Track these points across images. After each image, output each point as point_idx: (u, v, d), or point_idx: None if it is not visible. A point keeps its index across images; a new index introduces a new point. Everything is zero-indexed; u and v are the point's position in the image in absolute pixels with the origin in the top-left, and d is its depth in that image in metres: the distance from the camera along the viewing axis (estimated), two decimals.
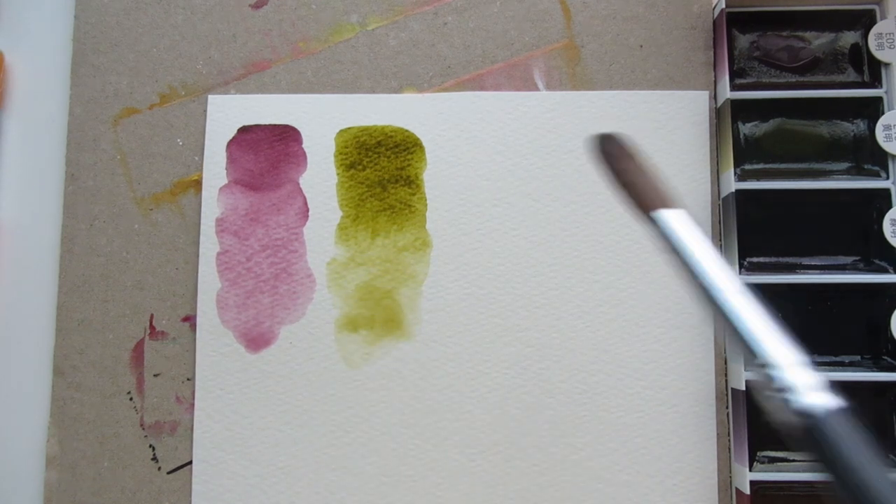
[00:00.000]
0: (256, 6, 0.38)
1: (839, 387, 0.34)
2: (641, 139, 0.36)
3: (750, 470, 0.33)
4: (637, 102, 0.37)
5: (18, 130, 0.39)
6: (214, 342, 0.36)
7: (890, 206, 0.34)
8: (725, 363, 0.35)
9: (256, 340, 0.36)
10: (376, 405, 0.35)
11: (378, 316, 0.36)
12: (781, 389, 0.18)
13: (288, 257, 0.36)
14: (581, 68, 0.37)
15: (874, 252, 0.35)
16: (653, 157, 0.36)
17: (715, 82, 0.37)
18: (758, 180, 0.35)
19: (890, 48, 0.36)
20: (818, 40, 0.37)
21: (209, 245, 0.36)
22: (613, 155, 0.26)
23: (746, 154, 0.36)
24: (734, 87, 0.36)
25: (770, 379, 0.18)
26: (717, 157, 0.36)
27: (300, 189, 0.37)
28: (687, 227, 0.22)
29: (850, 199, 0.35)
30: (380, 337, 0.36)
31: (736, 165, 0.36)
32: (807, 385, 0.18)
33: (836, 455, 0.17)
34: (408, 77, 0.38)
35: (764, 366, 0.18)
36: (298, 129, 0.37)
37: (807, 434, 0.17)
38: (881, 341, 0.34)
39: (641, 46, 0.37)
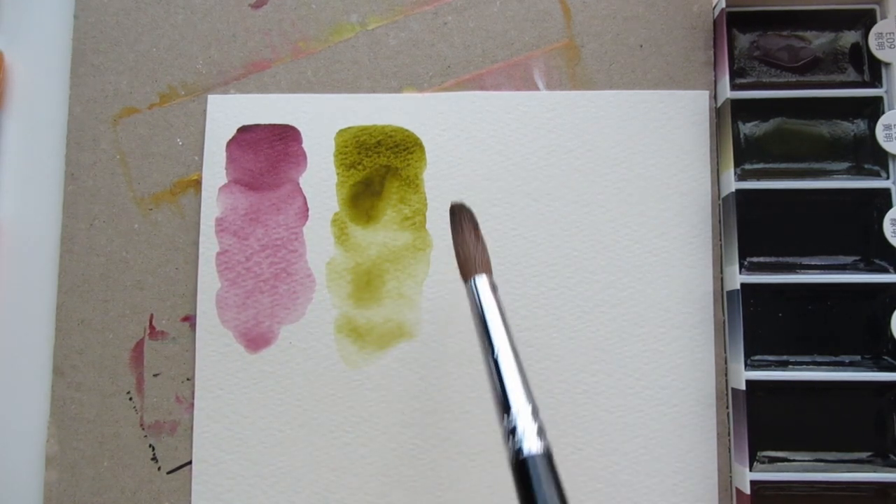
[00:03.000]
0: (256, 6, 0.38)
1: (839, 387, 0.34)
2: (641, 139, 0.37)
3: (750, 470, 0.33)
4: (637, 102, 0.37)
5: (18, 130, 0.39)
6: (214, 342, 0.36)
7: (890, 206, 0.34)
8: (725, 363, 0.35)
9: (256, 340, 0.36)
10: (376, 405, 0.35)
11: (378, 316, 0.36)
12: (512, 431, 0.23)
13: (288, 257, 0.36)
14: (581, 68, 0.37)
15: (874, 252, 0.35)
16: (653, 157, 0.36)
17: (715, 82, 0.37)
18: (758, 180, 0.35)
19: (890, 48, 0.35)
20: (818, 40, 0.37)
21: (209, 245, 0.36)
22: (460, 222, 0.31)
23: (746, 154, 0.36)
24: (734, 87, 0.36)
25: (508, 423, 0.23)
26: (717, 156, 0.36)
27: (300, 189, 0.37)
28: (489, 293, 0.27)
29: (850, 199, 0.35)
30: (380, 337, 0.36)
31: (736, 165, 0.36)
32: (529, 430, 0.23)
33: (533, 487, 0.21)
34: (408, 77, 0.38)
35: (509, 413, 0.23)
36: (298, 128, 0.37)
37: (516, 468, 0.22)
38: (881, 341, 0.34)
39: (641, 46, 0.37)
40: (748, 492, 0.33)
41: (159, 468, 0.35)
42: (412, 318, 0.36)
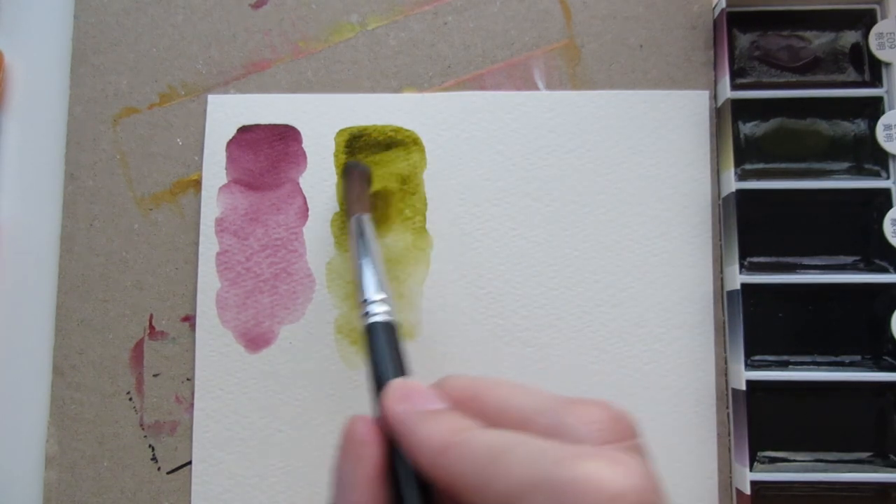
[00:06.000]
0: (256, 6, 0.38)
1: (839, 387, 0.34)
2: (641, 139, 0.37)
3: (750, 470, 0.33)
4: (637, 102, 0.37)
5: (18, 130, 0.39)
6: (214, 342, 0.36)
7: (890, 206, 0.34)
8: (725, 363, 0.35)
9: (256, 340, 0.36)
10: None
11: None
12: (365, 313, 0.26)
13: (287, 257, 0.36)
14: (581, 68, 0.37)
15: (874, 252, 0.35)
16: (653, 157, 0.36)
17: (715, 82, 0.37)
18: (758, 180, 0.35)
19: (890, 48, 0.35)
20: (819, 40, 0.37)
21: (209, 245, 0.36)
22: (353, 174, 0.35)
23: (746, 154, 0.36)
24: (734, 87, 0.36)
25: (363, 306, 0.27)
26: (717, 156, 0.36)
27: (300, 189, 0.37)
28: (366, 226, 0.32)
29: (850, 199, 0.35)
30: None
31: (736, 165, 0.36)
32: (376, 309, 0.26)
33: (371, 348, 0.25)
34: (408, 77, 0.38)
35: (364, 301, 0.27)
36: (298, 128, 0.37)
37: (364, 336, 0.25)
38: (881, 341, 0.34)
39: (641, 46, 0.37)
40: (748, 492, 0.32)
41: (159, 468, 0.35)
42: (412, 318, 0.36)
